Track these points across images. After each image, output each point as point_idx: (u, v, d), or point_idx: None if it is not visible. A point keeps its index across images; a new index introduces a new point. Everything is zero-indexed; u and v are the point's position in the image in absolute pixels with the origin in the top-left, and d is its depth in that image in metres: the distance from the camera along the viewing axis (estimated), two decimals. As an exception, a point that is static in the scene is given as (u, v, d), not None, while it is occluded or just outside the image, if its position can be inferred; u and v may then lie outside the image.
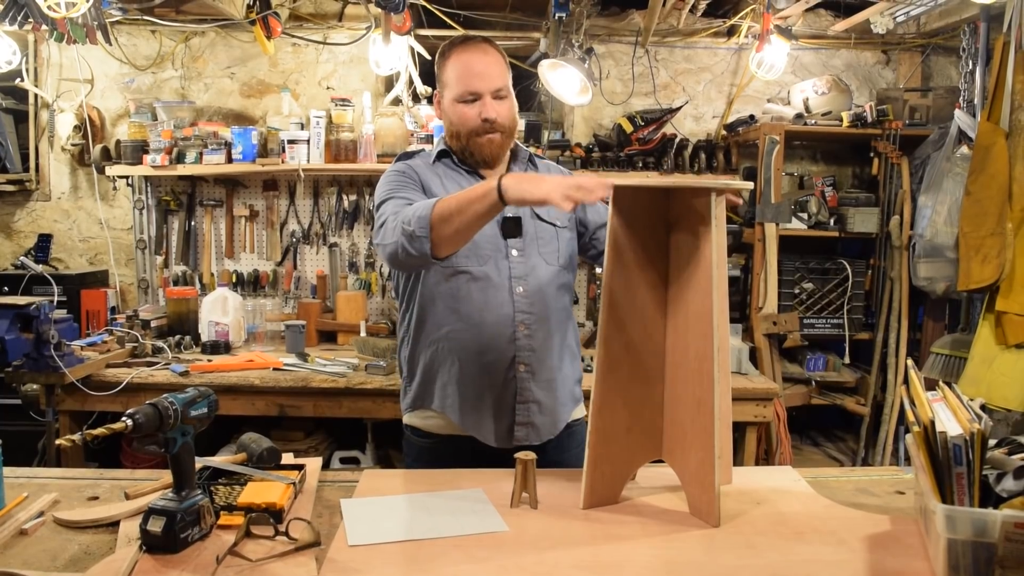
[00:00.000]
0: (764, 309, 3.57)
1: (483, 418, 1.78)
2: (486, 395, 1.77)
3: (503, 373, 1.76)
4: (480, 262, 1.75)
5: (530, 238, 1.80)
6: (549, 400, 1.81)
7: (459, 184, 1.80)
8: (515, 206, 1.52)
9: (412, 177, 1.80)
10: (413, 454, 1.89)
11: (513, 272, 1.77)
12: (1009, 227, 2.94)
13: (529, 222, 1.81)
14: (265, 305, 3.59)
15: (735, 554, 1.28)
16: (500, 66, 1.80)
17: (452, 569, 1.22)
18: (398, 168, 1.83)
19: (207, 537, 1.29)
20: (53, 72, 3.87)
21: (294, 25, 3.82)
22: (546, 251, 1.82)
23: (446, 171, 1.84)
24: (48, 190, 3.96)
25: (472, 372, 1.77)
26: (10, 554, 1.25)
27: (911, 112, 3.71)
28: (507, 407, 1.78)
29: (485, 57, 1.78)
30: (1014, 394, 2.80)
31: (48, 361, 2.66)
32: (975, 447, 1.14)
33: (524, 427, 1.78)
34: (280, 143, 3.55)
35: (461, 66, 1.78)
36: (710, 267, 1.38)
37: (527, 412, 1.78)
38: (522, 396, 1.77)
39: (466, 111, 1.77)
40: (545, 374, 1.80)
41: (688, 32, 3.91)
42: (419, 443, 1.87)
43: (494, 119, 1.76)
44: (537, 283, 1.78)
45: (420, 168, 1.83)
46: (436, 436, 1.84)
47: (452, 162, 1.85)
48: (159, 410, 1.24)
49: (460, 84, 1.77)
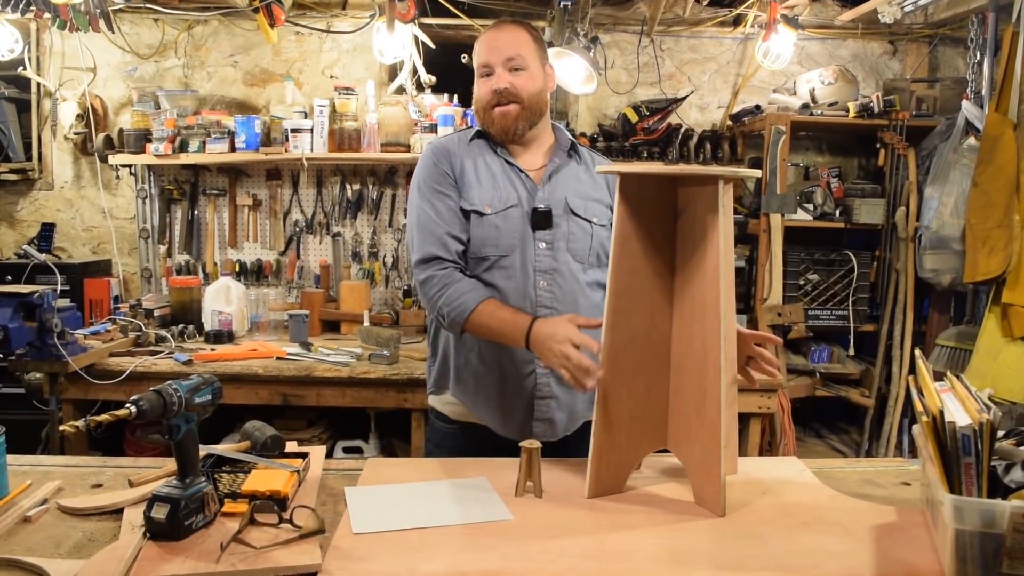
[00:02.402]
0: (769, 300, 3.56)
1: (499, 409, 1.77)
2: (504, 386, 1.76)
3: (522, 367, 1.75)
4: (505, 252, 1.74)
5: (561, 233, 1.76)
6: (567, 396, 1.78)
7: (490, 169, 1.79)
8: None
9: (444, 167, 1.78)
10: (436, 439, 1.90)
11: (538, 265, 1.74)
12: (1016, 219, 2.92)
13: (562, 217, 1.77)
14: (268, 294, 3.58)
15: (741, 544, 1.28)
16: (519, 40, 1.77)
17: (456, 557, 1.21)
18: (430, 156, 1.81)
19: (211, 524, 1.29)
20: (56, 60, 3.86)
21: (297, 13, 3.80)
22: (576, 248, 1.77)
23: (481, 151, 1.82)
24: (51, 179, 3.95)
25: (489, 361, 1.76)
26: (14, 541, 1.25)
27: (918, 103, 3.68)
28: (525, 401, 1.76)
29: (504, 32, 1.78)
30: (1020, 386, 2.78)
31: (51, 350, 2.66)
32: (984, 437, 1.13)
33: (543, 423, 1.77)
34: (283, 132, 3.54)
35: (482, 43, 1.80)
36: (717, 256, 1.37)
37: (546, 408, 1.77)
38: (541, 392, 1.76)
39: (482, 85, 1.78)
40: None
41: (694, 21, 3.89)
42: (442, 428, 1.87)
43: (503, 88, 1.74)
44: (563, 279, 1.76)
45: (455, 149, 1.81)
46: (457, 423, 1.84)
47: (488, 143, 1.83)
48: (163, 397, 1.24)
49: (478, 59, 1.79)
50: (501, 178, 1.78)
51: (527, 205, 1.75)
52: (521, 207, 1.75)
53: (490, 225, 1.73)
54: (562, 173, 1.81)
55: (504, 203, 1.74)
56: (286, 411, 3.28)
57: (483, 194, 1.75)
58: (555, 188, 1.78)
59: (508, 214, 1.74)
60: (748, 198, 3.81)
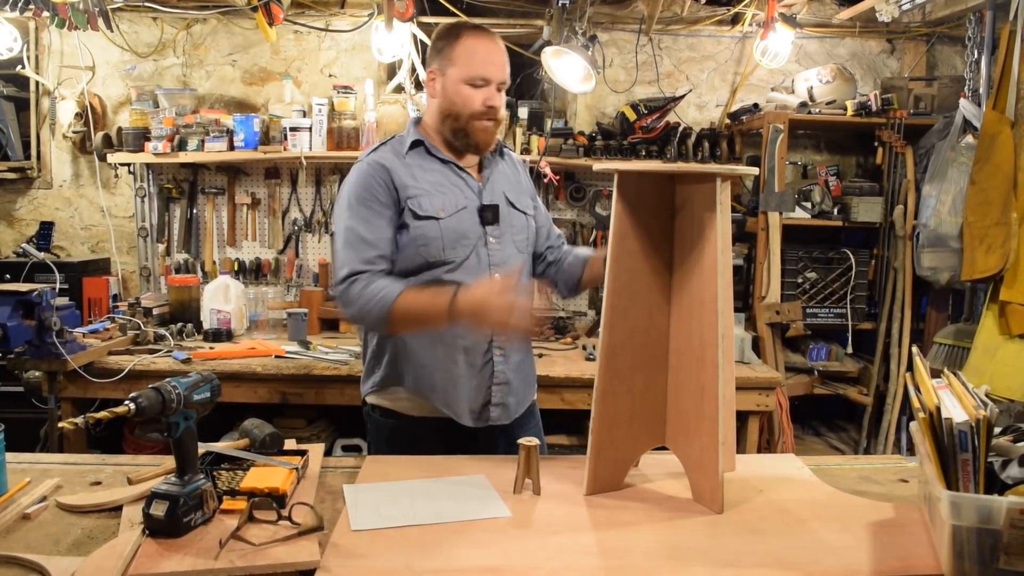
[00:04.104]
0: (767, 298, 3.57)
1: (459, 399, 1.82)
2: (464, 378, 1.81)
3: (481, 356, 1.82)
4: (463, 253, 1.79)
5: (505, 225, 1.86)
6: (519, 381, 1.89)
7: (434, 175, 1.81)
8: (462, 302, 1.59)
9: (380, 183, 1.76)
10: (383, 435, 1.90)
11: (492, 260, 1.82)
12: (1014, 216, 2.92)
13: (505, 210, 1.86)
14: (267, 293, 3.58)
15: (738, 540, 1.28)
16: (507, 60, 1.84)
17: (455, 554, 1.22)
18: (365, 173, 1.78)
19: (210, 521, 1.29)
20: (54, 59, 3.85)
21: (296, 12, 3.80)
22: (518, 238, 1.89)
23: (419, 162, 1.82)
24: (49, 178, 3.95)
25: (452, 356, 1.80)
26: (13, 538, 1.25)
27: (916, 101, 3.69)
28: (483, 388, 1.83)
29: (498, 47, 1.82)
30: (1017, 384, 2.79)
31: (50, 348, 2.66)
32: (981, 434, 1.14)
33: (498, 407, 1.85)
34: (282, 131, 3.54)
35: (476, 50, 1.78)
36: (715, 253, 1.37)
37: (501, 393, 1.85)
38: (497, 379, 1.84)
39: (473, 94, 1.77)
40: (516, 357, 1.88)
41: (692, 20, 3.89)
42: (386, 424, 1.88)
43: (498, 107, 1.80)
44: (511, 269, 1.82)
45: (391, 163, 1.79)
46: (404, 417, 1.86)
47: (426, 151, 1.84)
48: (162, 394, 1.24)
49: (473, 68, 1.77)
50: (446, 182, 1.82)
51: (475, 204, 1.82)
52: (470, 207, 1.81)
53: (447, 228, 1.77)
54: (496, 171, 1.91)
55: (455, 206, 1.79)
56: (285, 409, 3.28)
57: (433, 200, 1.78)
58: (494, 185, 1.88)
59: (460, 216, 1.80)
60: (746, 196, 3.81)
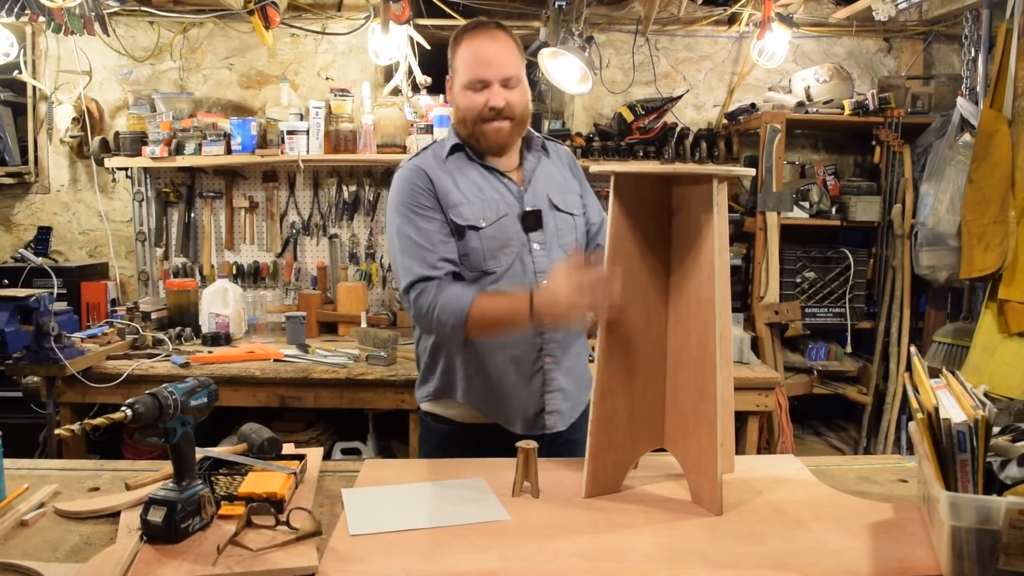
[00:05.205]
0: (766, 298, 3.57)
1: (511, 409, 1.78)
2: (514, 388, 1.77)
3: (531, 365, 1.77)
4: (506, 262, 1.74)
5: (551, 231, 1.79)
6: (572, 386, 1.83)
7: (474, 182, 1.77)
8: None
9: (424, 188, 1.74)
10: (433, 441, 1.88)
11: (537, 267, 1.76)
12: (1012, 215, 2.92)
13: (549, 214, 1.79)
14: (265, 296, 3.58)
15: (738, 542, 1.28)
16: (511, 53, 1.76)
17: (454, 558, 1.21)
18: (408, 179, 1.76)
19: (208, 527, 1.29)
20: (51, 64, 3.85)
21: (293, 15, 3.80)
22: (565, 242, 1.81)
23: (460, 166, 1.79)
24: (47, 182, 3.94)
25: (500, 366, 1.76)
26: (11, 545, 1.25)
27: (913, 100, 3.69)
28: (535, 397, 1.79)
29: (496, 44, 1.75)
30: (1016, 382, 2.79)
31: (48, 353, 2.65)
32: (979, 434, 1.14)
33: (552, 415, 1.80)
34: (279, 134, 3.54)
35: (471, 53, 1.75)
36: (712, 254, 1.37)
37: (555, 400, 1.80)
38: (549, 386, 1.79)
39: (474, 98, 1.74)
40: (568, 362, 1.82)
41: (689, 20, 3.89)
42: (439, 429, 1.87)
43: (500, 107, 1.73)
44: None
45: (432, 169, 1.77)
46: (457, 424, 1.84)
47: (466, 155, 1.81)
48: (159, 400, 1.24)
49: (469, 71, 1.74)
50: (487, 188, 1.77)
51: (517, 210, 1.77)
52: (511, 214, 1.76)
53: (488, 238, 1.73)
54: (538, 172, 1.84)
55: (497, 213, 1.75)
56: (284, 413, 3.28)
57: (473, 209, 1.74)
58: (537, 187, 1.81)
59: (502, 224, 1.74)
60: (744, 196, 3.82)
